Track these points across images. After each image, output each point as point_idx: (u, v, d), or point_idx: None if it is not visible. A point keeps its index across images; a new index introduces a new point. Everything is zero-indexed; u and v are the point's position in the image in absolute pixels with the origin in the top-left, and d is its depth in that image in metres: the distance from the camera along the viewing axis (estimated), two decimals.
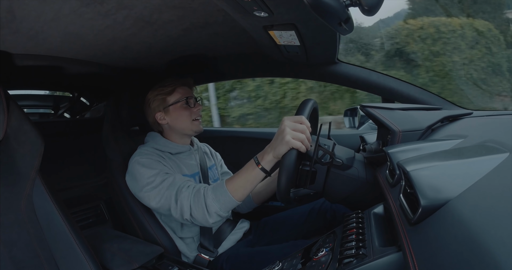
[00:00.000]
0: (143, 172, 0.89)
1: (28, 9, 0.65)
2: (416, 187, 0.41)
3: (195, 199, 0.82)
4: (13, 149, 0.75)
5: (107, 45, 0.92)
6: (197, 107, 1.03)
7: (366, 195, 0.83)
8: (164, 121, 1.02)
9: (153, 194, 0.87)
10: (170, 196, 0.85)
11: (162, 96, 1.01)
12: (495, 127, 0.68)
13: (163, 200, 0.86)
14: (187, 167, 1.02)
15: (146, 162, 0.91)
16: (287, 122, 0.74)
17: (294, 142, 0.72)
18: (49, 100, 1.70)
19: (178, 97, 1.01)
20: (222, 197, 0.80)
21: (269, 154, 0.77)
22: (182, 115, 1.01)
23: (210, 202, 0.81)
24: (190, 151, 1.06)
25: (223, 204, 0.81)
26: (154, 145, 1.00)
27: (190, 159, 1.06)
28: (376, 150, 0.87)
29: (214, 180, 1.12)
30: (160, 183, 0.88)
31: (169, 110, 1.01)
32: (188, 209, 0.83)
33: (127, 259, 0.82)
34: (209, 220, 0.82)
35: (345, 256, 0.52)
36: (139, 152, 0.96)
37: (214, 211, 0.81)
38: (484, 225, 0.30)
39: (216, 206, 0.80)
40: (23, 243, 0.70)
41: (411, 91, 1.08)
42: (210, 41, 1.02)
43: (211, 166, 1.14)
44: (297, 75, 1.26)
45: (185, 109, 1.01)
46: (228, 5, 0.65)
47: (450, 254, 0.31)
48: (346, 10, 0.55)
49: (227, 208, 0.82)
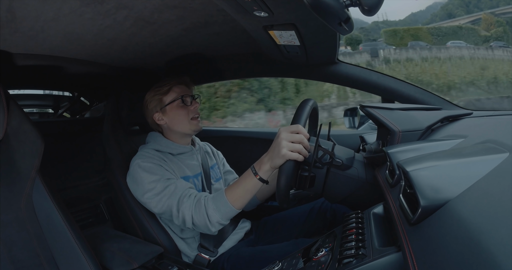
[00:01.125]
0: (145, 177, 0.89)
1: (28, 9, 0.65)
2: (416, 187, 0.41)
3: (196, 209, 0.84)
4: (13, 149, 0.75)
5: (107, 45, 0.92)
6: (194, 105, 1.02)
7: (366, 195, 0.83)
8: (162, 121, 1.02)
9: (155, 201, 0.88)
10: (172, 205, 0.86)
11: (159, 96, 1.01)
12: (495, 127, 0.68)
13: (165, 207, 0.87)
14: (189, 168, 1.02)
15: (148, 167, 0.91)
16: (284, 135, 0.74)
17: (291, 154, 0.72)
18: (49, 100, 1.70)
19: (174, 96, 1.00)
20: (223, 207, 0.82)
21: (266, 164, 0.78)
22: (179, 114, 1.00)
23: (211, 213, 0.82)
24: (192, 151, 1.06)
25: (224, 213, 0.82)
26: (155, 146, 0.99)
27: (192, 159, 1.05)
28: (376, 150, 0.87)
29: (217, 179, 1.11)
30: (161, 191, 0.88)
31: (166, 110, 1.00)
32: (190, 219, 0.84)
33: (126, 259, 0.82)
34: (212, 229, 0.84)
35: (344, 256, 0.52)
36: (140, 155, 0.95)
37: (216, 220, 0.83)
38: (484, 225, 0.30)
39: (218, 216, 0.82)
40: (23, 243, 0.70)
41: (411, 91, 1.08)
42: (210, 41, 1.02)
43: (213, 165, 1.14)
44: (297, 75, 1.26)
45: (182, 108, 1.00)
46: (228, 5, 0.65)
47: (450, 254, 0.31)
48: (346, 10, 0.55)
49: (228, 217, 0.84)
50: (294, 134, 0.75)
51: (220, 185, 1.12)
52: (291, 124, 0.77)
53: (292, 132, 0.75)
